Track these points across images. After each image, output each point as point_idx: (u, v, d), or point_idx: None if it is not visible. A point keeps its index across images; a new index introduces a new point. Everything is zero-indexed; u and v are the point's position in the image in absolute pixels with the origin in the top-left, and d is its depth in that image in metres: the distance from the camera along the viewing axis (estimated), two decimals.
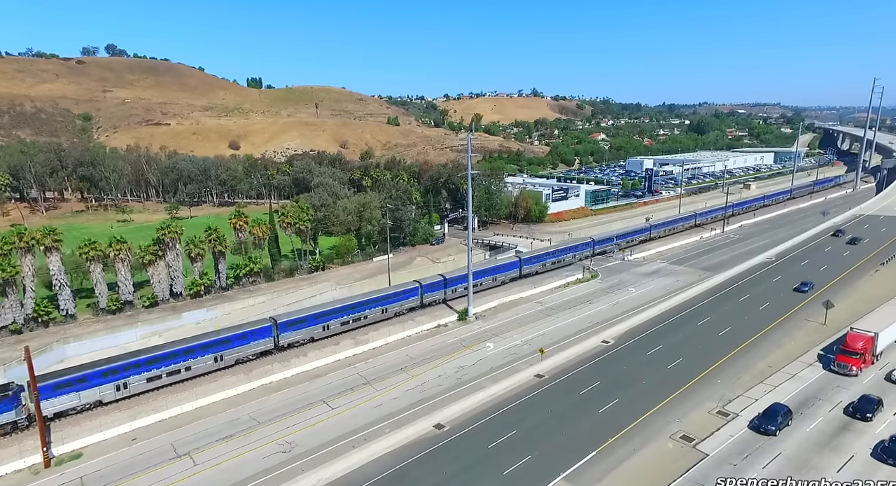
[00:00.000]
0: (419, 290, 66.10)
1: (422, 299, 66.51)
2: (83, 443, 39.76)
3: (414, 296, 65.83)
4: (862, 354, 45.98)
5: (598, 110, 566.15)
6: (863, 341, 46.56)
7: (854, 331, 48.25)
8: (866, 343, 46.46)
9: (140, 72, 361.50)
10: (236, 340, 51.20)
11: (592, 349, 54.13)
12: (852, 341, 46.95)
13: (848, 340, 47.46)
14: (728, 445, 36.82)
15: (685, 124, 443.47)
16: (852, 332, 48.24)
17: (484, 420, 41.46)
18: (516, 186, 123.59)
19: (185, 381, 48.04)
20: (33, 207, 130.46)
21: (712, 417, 40.65)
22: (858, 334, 47.58)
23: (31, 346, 44.51)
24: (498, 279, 74.58)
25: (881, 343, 47.82)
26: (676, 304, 66.58)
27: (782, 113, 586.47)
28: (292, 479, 34.41)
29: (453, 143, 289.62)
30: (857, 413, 39.22)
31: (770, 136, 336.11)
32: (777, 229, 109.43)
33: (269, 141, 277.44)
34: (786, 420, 38.44)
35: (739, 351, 52.34)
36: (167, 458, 37.76)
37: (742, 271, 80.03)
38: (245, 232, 73.56)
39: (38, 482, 35.83)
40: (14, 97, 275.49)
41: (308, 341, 56.17)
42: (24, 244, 57.48)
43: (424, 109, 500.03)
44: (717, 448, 36.44)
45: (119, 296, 62.06)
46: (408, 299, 65.31)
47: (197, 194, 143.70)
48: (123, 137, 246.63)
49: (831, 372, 46.62)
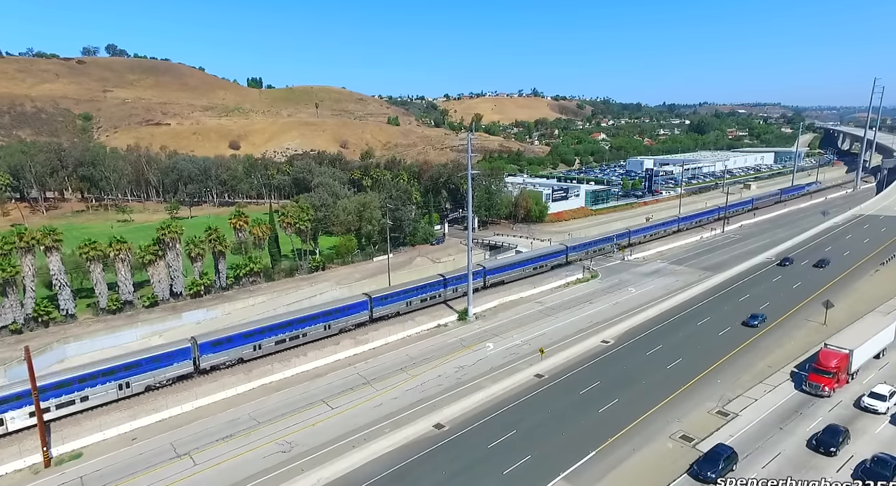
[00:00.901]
0: (368, 303, 60.87)
1: (371, 314, 61.17)
2: (83, 443, 39.81)
3: (362, 310, 60.64)
4: (835, 373, 42.38)
5: (598, 110, 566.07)
6: (836, 358, 42.86)
7: (827, 348, 44.58)
8: (840, 361, 42.81)
9: (140, 72, 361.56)
10: (147, 364, 46.81)
11: (592, 349, 54.14)
12: (825, 358, 43.20)
13: (820, 357, 43.66)
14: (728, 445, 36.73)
15: (685, 124, 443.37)
16: (825, 349, 44.60)
17: (484, 420, 41.48)
18: (516, 186, 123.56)
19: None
20: (34, 207, 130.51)
21: (712, 417, 40.65)
22: (832, 351, 43.86)
23: (32, 346, 44.53)
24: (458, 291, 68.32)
25: (856, 361, 44.23)
26: (676, 304, 66.58)
27: (782, 113, 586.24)
28: (292, 479, 34.43)
29: (453, 143, 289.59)
30: (821, 447, 35.30)
31: (770, 136, 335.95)
32: (777, 229, 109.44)
33: (269, 141, 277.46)
34: (729, 465, 33.53)
35: (739, 351, 52.35)
36: (167, 458, 37.79)
37: (742, 271, 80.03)
38: (245, 232, 73.57)
39: (38, 482, 35.88)
40: (14, 97, 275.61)
41: (237, 363, 51.75)
42: (25, 244, 57.50)
43: (425, 109, 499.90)
44: None
45: (119, 296, 62.06)
46: (353, 314, 59.88)
47: (197, 194, 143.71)
48: (124, 137, 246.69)
49: (803, 392, 43.04)
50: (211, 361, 50.18)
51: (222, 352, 50.90)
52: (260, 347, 53.15)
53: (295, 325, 55.20)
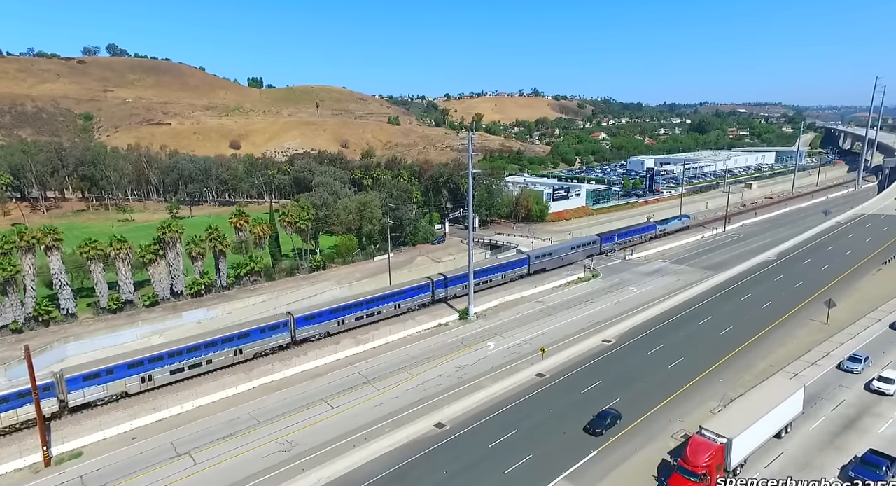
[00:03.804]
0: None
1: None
2: (83, 442, 39.70)
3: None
4: (703, 475, 31.15)
5: (598, 110, 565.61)
6: (709, 452, 31.83)
7: (700, 435, 33.41)
8: (714, 456, 31.76)
9: (141, 71, 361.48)
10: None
11: (593, 348, 54.00)
12: (693, 453, 32.15)
13: (688, 451, 32.60)
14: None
15: (686, 124, 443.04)
16: (696, 437, 33.46)
17: (485, 419, 41.36)
18: (517, 185, 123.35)
19: None
20: (34, 207, 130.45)
21: (714, 416, 40.39)
22: (704, 440, 32.84)
23: (32, 345, 44.47)
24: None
25: (738, 453, 33.08)
26: (678, 303, 66.41)
27: (783, 112, 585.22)
28: (293, 478, 34.31)
29: (454, 142, 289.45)
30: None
31: (771, 135, 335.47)
32: (778, 229, 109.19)
33: (269, 140, 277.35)
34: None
35: (741, 350, 52.20)
36: (167, 457, 37.69)
37: (743, 271, 79.86)
38: (246, 231, 73.46)
39: (38, 481, 35.78)
40: (15, 97, 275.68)
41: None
42: (25, 243, 57.41)
43: (425, 108, 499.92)
44: None
45: (120, 295, 61.97)
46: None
47: (198, 194, 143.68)
48: (124, 136, 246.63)
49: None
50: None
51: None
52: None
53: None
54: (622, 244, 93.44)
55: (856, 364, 46.56)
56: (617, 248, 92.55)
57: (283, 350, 54.58)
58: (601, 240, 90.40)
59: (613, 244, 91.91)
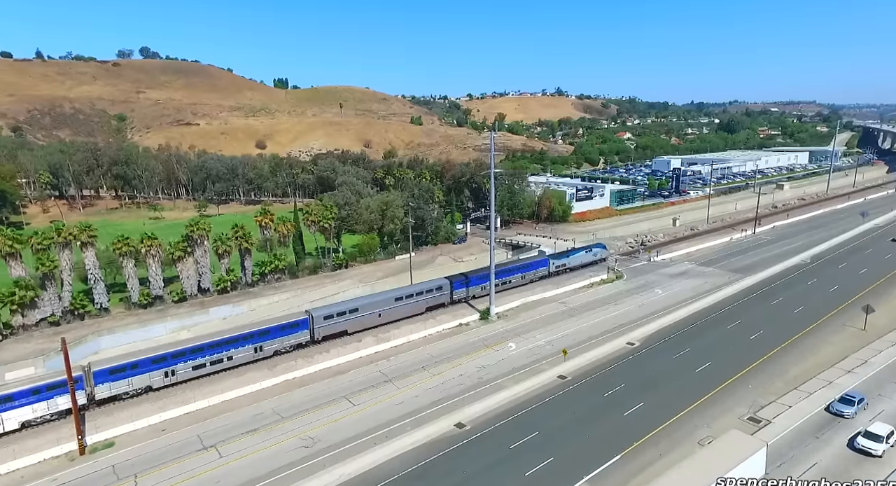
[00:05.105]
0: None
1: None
2: (116, 432, 40.96)
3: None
4: None
5: (623, 109, 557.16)
6: None
7: None
8: None
9: (172, 73, 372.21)
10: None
11: (617, 351, 53.13)
12: None
13: None
14: None
15: (714, 123, 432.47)
16: None
17: (505, 420, 41.10)
18: (540, 185, 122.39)
19: None
20: (71, 205, 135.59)
21: (743, 423, 39.34)
22: None
23: (68, 338, 46.03)
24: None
25: None
26: (705, 306, 64.85)
27: (818, 111, 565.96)
28: (315, 473, 34.73)
29: (476, 142, 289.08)
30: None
31: (805, 134, 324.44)
32: (812, 231, 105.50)
33: (294, 140, 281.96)
34: None
35: (772, 356, 50.60)
36: (194, 449, 38.60)
37: (774, 274, 77.46)
38: (270, 230, 74.77)
39: (73, 469, 37.05)
40: (55, 99, 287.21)
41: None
42: (63, 240, 59.68)
43: (447, 108, 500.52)
44: None
45: (150, 291, 63.84)
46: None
47: (225, 193, 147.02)
48: (155, 136, 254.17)
49: None
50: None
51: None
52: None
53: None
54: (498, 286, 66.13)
55: (847, 407, 39.41)
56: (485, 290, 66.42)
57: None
58: (452, 285, 65.50)
59: (477, 288, 66.95)
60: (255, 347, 51.45)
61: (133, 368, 45.62)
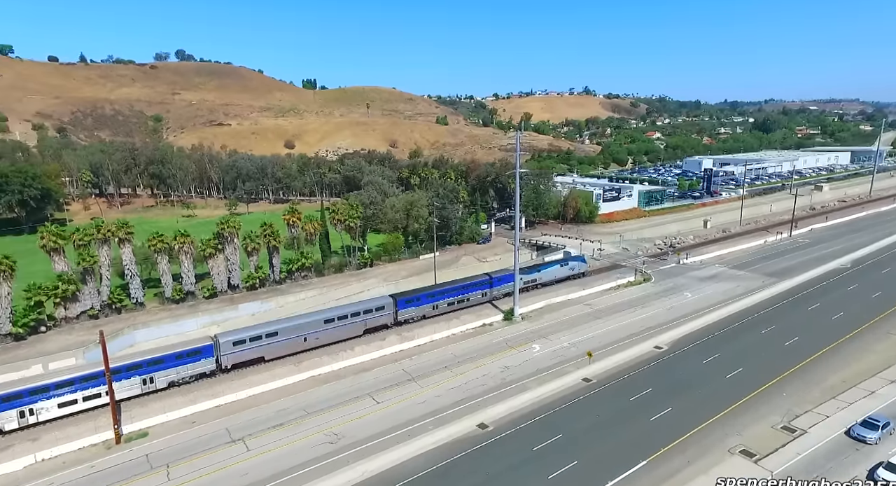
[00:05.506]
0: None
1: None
2: (149, 423, 42.44)
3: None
4: None
5: (653, 108, 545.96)
6: None
7: None
8: None
9: (206, 75, 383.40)
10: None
11: (644, 355, 52.06)
12: None
13: None
14: (794, 463, 34.27)
15: (749, 122, 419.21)
16: None
17: (529, 422, 40.80)
18: (566, 185, 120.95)
19: None
20: (110, 202, 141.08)
21: (777, 432, 38.03)
22: None
23: (105, 330, 47.95)
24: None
25: None
26: (737, 310, 62.94)
27: (861, 109, 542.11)
28: (339, 469, 35.21)
29: (501, 142, 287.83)
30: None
31: (846, 134, 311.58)
32: (853, 234, 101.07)
33: (322, 140, 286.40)
34: None
35: (808, 363, 48.70)
36: (223, 441, 39.64)
37: (811, 278, 74.54)
38: (298, 228, 76.09)
39: (110, 457, 38.55)
40: (97, 101, 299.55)
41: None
42: (102, 236, 62.12)
43: (473, 108, 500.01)
44: (781, 466, 33.97)
45: (182, 286, 65.83)
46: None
47: (254, 191, 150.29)
48: (189, 136, 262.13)
49: None
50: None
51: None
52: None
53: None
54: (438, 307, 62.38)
55: (870, 431, 36.21)
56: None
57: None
58: (397, 304, 59.52)
59: (428, 307, 61.73)
60: (144, 378, 45.33)
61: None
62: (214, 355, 48.94)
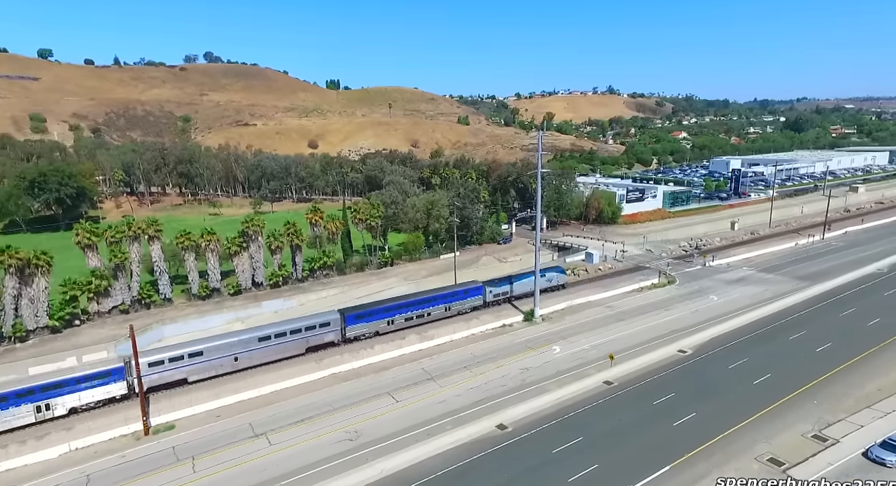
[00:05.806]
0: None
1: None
2: (176, 416, 43.62)
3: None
4: None
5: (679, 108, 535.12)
6: None
7: None
8: None
9: (232, 76, 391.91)
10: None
11: (667, 358, 51.05)
12: None
13: None
14: (826, 473, 33.08)
15: (779, 122, 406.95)
16: None
17: (548, 424, 40.44)
18: (588, 185, 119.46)
19: None
20: (141, 201, 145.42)
21: (807, 441, 36.80)
22: None
23: (136, 325, 49.49)
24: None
25: None
26: (765, 315, 61.16)
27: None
28: (358, 467, 35.54)
29: (523, 142, 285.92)
30: None
31: (885, 133, 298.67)
32: (891, 237, 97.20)
33: (344, 140, 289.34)
34: None
35: (841, 371, 46.98)
36: (246, 436, 40.42)
37: (845, 283, 71.92)
38: (320, 227, 77.12)
39: (139, 448, 39.78)
40: (129, 102, 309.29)
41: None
42: (132, 233, 64.17)
43: (495, 108, 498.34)
44: (812, 476, 32.86)
45: (208, 283, 67.41)
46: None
47: (278, 190, 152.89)
48: (216, 136, 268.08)
49: None
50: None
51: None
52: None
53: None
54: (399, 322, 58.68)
55: (891, 454, 33.78)
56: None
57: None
58: (345, 320, 55.29)
59: (382, 323, 57.29)
60: (38, 405, 41.40)
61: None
62: (125, 379, 44.88)
